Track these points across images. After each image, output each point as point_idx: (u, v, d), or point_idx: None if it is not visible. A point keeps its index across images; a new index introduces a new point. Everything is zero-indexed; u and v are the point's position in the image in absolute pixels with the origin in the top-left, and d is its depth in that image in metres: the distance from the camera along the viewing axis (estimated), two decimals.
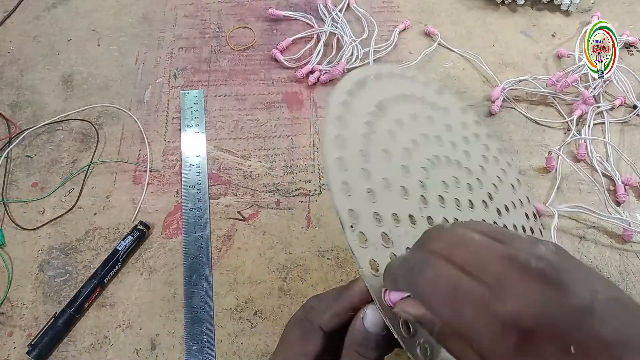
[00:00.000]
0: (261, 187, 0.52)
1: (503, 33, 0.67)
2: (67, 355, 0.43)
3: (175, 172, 0.54)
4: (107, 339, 0.44)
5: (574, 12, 0.69)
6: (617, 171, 0.53)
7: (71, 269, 0.47)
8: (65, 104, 0.58)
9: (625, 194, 0.52)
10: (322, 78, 0.60)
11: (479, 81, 0.62)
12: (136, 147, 0.55)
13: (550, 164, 0.54)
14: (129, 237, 0.48)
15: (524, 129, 0.58)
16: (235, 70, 0.62)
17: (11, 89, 0.60)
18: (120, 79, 0.61)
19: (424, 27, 0.66)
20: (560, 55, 0.64)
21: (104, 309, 0.45)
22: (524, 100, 0.60)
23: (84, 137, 0.56)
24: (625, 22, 0.69)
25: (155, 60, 0.63)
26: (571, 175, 0.54)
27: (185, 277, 0.47)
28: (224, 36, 0.65)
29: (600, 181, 0.53)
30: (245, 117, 0.58)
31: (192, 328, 0.44)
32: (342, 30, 0.64)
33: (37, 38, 0.65)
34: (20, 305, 0.45)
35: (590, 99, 0.57)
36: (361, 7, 0.67)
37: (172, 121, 0.57)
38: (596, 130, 0.58)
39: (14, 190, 0.52)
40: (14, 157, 0.54)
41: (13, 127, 0.56)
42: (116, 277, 0.47)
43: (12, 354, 0.43)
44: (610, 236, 0.50)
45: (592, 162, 0.54)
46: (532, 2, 0.70)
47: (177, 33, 0.65)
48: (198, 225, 0.50)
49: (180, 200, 0.51)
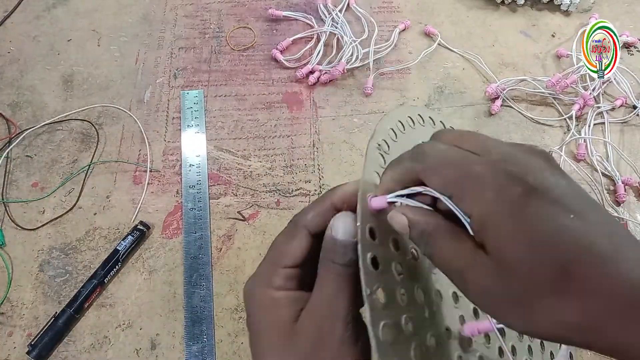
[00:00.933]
0: (261, 187, 0.52)
1: (503, 33, 0.67)
2: (67, 355, 0.43)
3: (175, 172, 0.54)
4: (107, 339, 0.44)
5: (574, 12, 0.69)
6: (617, 171, 0.53)
7: (71, 269, 0.47)
8: (65, 104, 0.58)
9: (625, 194, 0.52)
10: (322, 78, 0.60)
11: (479, 81, 0.62)
12: (136, 147, 0.55)
13: None
14: (129, 237, 0.48)
15: (524, 129, 0.58)
16: (235, 70, 0.62)
17: (11, 89, 0.60)
18: (120, 79, 0.61)
19: (424, 27, 0.66)
20: (560, 55, 0.64)
21: (104, 309, 0.45)
22: (523, 100, 0.60)
23: (84, 137, 0.56)
24: (625, 22, 0.69)
25: (155, 60, 0.63)
26: (571, 175, 0.54)
27: (185, 277, 0.47)
28: (224, 36, 0.65)
29: (599, 181, 0.53)
30: (245, 117, 0.58)
31: (192, 328, 0.44)
32: (342, 31, 0.64)
33: (37, 38, 0.65)
34: (20, 305, 0.45)
35: (590, 100, 0.57)
36: (361, 7, 0.67)
37: (172, 121, 0.57)
38: (596, 130, 0.58)
39: (14, 190, 0.52)
40: (14, 157, 0.54)
41: (13, 127, 0.56)
42: (116, 277, 0.47)
43: (12, 354, 0.43)
44: None
45: (592, 162, 0.54)
46: (532, 2, 0.70)
47: (177, 33, 0.65)
48: (198, 225, 0.50)
49: (180, 200, 0.51)
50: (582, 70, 0.59)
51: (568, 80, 0.58)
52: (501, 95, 0.59)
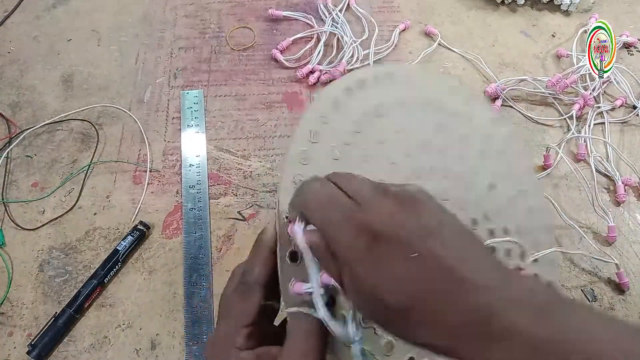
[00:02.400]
0: (261, 187, 0.52)
1: (503, 33, 0.67)
2: (67, 355, 0.43)
3: (175, 172, 0.54)
4: (107, 339, 0.44)
5: (574, 12, 0.69)
6: (617, 171, 0.53)
7: (71, 269, 0.47)
8: (65, 104, 0.58)
9: (625, 194, 0.52)
10: (322, 78, 0.60)
11: (479, 81, 0.62)
12: (136, 147, 0.55)
13: (548, 162, 0.54)
14: (129, 237, 0.48)
15: (524, 129, 0.58)
16: (235, 70, 0.62)
17: (11, 89, 0.60)
18: (120, 79, 0.61)
19: (424, 27, 0.66)
20: (560, 55, 0.64)
21: (104, 309, 0.45)
22: (523, 100, 0.60)
23: (84, 137, 0.56)
24: (625, 22, 0.69)
25: (155, 60, 0.63)
26: (570, 174, 0.54)
27: (185, 277, 0.47)
28: (224, 36, 0.65)
29: (593, 183, 0.52)
30: (245, 117, 0.58)
31: (192, 328, 0.44)
32: (342, 31, 0.64)
33: (37, 38, 0.65)
34: (20, 305, 0.45)
35: (590, 100, 0.57)
36: (361, 7, 0.67)
37: (172, 121, 0.57)
38: (596, 130, 0.58)
39: (14, 190, 0.52)
40: (14, 157, 0.54)
41: (13, 127, 0.56)
42: (116, 277, 0.47)
43: (12, 354, 0.43)
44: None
45: (591, 162, 0.54)
46: (532, 2, 0.70)
47: (177, 33, 0.65)
48: (198, 225, 0.50)
49: (180, 200, 0.51)
50: (582, 70, 0.59)
51: (568, 80, 0.57)
52: (501, 95, 0.59)
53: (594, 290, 0.47)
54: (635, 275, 0.48)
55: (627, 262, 0.49)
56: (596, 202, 0.51)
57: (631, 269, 0.48)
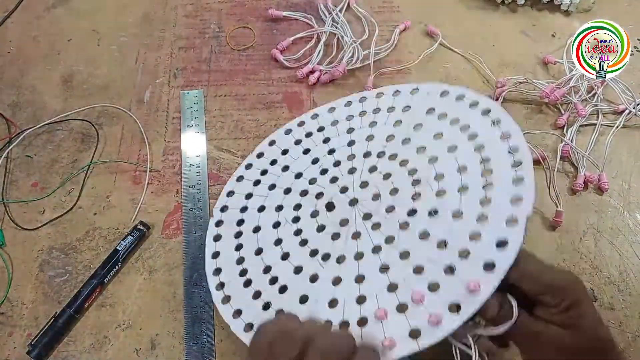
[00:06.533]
0: None
1: (503, 33, 0.67)
2: (67, 355, 0.43)
3: (175, 172, 0.54)
4: (107, 339, 0.44)
5: (574, 12, 0.69)
6: (585, 166, 0.54)
7: (71, 269, 0.47)
8: (65, 104, 0.58)
9: (581, 185, 0.52)
10: (323, 78, 0.60)
11: (479, 81, 0.62)
12: (136, 147, 0.55)
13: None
14: (129, 237, 0.48)
15: (524, 129, 0.58)
16: (235, 70, 0.62)
17: (11, 89, 0.60)
18: (120, 79, 0.61)
19: (424, 27, 0.66)
20: (547, 62, 0.63)
21: (104, 309, 0.45)
22: (523, 100, 0.60)
23: (84, 137, 0.56)
24: (625, 22, 0.69)
25: (155, 60, 0.63)
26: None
27: (185, 277, 0.47)
28: (224, 36, 0.65)
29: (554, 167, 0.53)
30: (245, 117, 0.58)
31: (192, 328, 0.44)
32: (342, 31, 0.64)
33: (37, 38, 0.65)
34: (20, 305, 0.45)
35: (583, 111, 0.56)
36: (361, 7, 0.67)
37: (172, 121, 0.57)
38: (590, 130, 0.57)
39: (14, 190, 0.52)
40: (14, 157, 0.54)
41: (13, 127, 0.56)
42: (116, 277, 0.47)
43: (12, 354, 0.43)
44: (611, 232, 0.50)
45: (571, 156, 0.55)
46: (532, 2, 0.70)
47: (177, 33, 0.65)
48: (198, 225, 0.50)
49: (180, 200, 0.51)
50: (574, 82, 0.58)
51: (559, 93, 0.56)
52: (501, 95, 0.59)
53: (594, 290, 0.47)
54: (636, 275, 0.48)
55: (627, 262, 0.49)
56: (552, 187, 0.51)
57: (631, 269, 0.48)
